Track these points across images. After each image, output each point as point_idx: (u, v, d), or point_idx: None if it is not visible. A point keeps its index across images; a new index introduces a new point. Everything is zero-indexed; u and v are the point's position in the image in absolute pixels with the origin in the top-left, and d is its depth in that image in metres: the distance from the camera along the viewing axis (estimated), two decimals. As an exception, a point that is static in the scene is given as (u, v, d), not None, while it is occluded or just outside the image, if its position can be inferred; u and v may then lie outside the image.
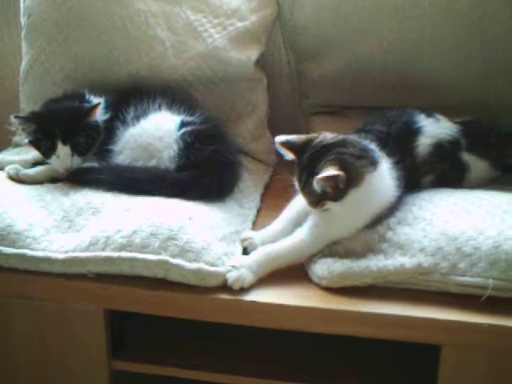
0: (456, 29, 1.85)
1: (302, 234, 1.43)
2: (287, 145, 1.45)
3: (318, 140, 1.43)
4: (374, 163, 1.40)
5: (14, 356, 1.50)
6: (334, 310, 1.33)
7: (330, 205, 1.38)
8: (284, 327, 1.37)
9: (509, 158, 1.64)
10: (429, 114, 1.61)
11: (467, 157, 1.59)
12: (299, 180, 1.43)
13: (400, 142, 1.53)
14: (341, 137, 1.44)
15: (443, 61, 1.88)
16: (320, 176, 1.31)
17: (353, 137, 1.47)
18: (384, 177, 1.42)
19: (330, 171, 1.32)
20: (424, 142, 1.55)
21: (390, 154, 1.46)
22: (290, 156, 1.46)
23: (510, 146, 1.64)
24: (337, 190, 1.34)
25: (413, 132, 1.56)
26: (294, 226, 1.47)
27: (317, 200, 1.39)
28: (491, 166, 1.63)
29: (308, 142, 1.44)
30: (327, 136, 1.44)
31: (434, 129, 1.57)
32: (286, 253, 1.41)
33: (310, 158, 1.41)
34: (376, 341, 1.35)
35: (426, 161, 1.55)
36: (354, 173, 1.36)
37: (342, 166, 1.34)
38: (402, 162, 1.48)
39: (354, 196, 1.36)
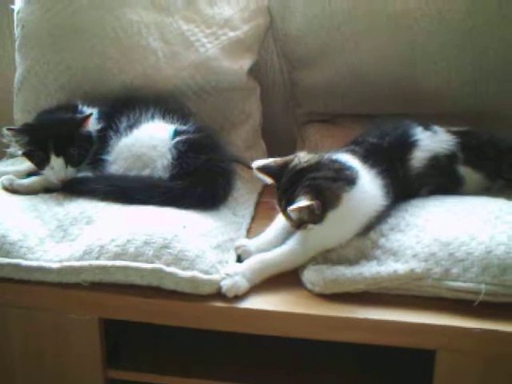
0: (448, 38, 1.86)
1: (294, 242, 1.43)
2: (264, 170, 1.45)
3: (293, 164, 1.43)
4: (351, 181, 1.39)
5: (10, 365, 1.50)
6: (328, 316, 1.33)
7: (312, 226, 1.39)
8: (278, 334, 1.37)
9: (504, 173, 1.63)
10: (426, 126, 1.60)
11: (463, 170, 1.59)
12: (279, 204, 1.44)
13: (392, 154, 1.53)
14: (316, 159, 1.43)
15: (435, 69, 1.89)
16: (292, 208, 1.33)
17: (329, 155, 1.46)
18: (365, 191, 1.41)
19: (302, 202, 1.32)
20: (419, 156, 1.54)
21: (376, 165, 1.47)
22: (268, 180, 1.46)
23: (506, 161, 1.62)
24: (314, 216, 1.35)
25: (408, 145, 1.55)
26: (286, 234, 1.47)
27: (297, 224, 1.40)
28: (486, 178, 1.62)
29: (284, 166, 1.44)
30: (302, 159, 1.44)
31: (430, 143, 1.57)
32: (279, 261, 1.42)
33: (287, 183, 1.41)
34: (371, 346, 1.35)
35: (421, 174, 1.54)
36: (329, 196, 1.36)
37: (315, 192, 1.35)
38: (392, 172, 1.49)
39: (334, 216, 1.37)
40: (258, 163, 1.46)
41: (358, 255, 1.42)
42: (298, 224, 1.40)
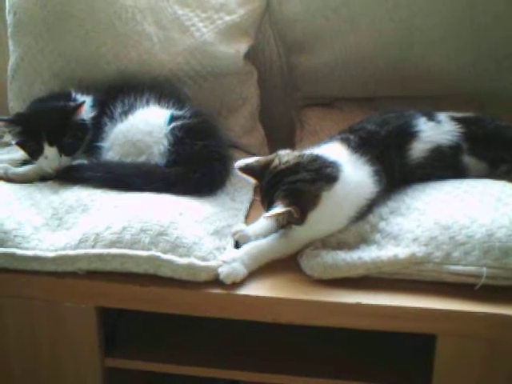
0: (446, 17, 1.84)
1: (291, 229, 1.41)
2: (246, 170, 1.45)
3: (273, 165, 1.42)
4: (331, 179, 1.38)
5: (6, 355, 1.49)
6: (328, 302, 1.32)
7: (295, 227, 1.39)
8: (277, 320, 1.36)
9: (509, 163, 1.60)
10: (430, 117, 1.57)
11: (467, 159, 1.56)
12: (263, 205, 1.43)
13: (389, 143, 1.51)
14: (295, 159, 1.41)
15: (434, 50, 1.88)
16: (268, 215, 1.33)
17: (310, 153, 1.44)
18: (350, 183, 1.40)
19: (279, 208, 1.31)
20: (419, 147, 1.52)
21: (368, 153, 1.46)
22: (252, 180, 1.47)
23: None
24: (294, 219, 1.35)
25: (407, 135, 1.53)
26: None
27: (281, 225, 1.40)
28: (490, 166, 1.59)
29: (266, 166, 1.43)
30: (282, 159, 1.42)
31: (432, 134, 1.54)
32: (275, 247, 1.41)
33: (267, 185, 1.41)
34: (370, 331, 1.34)
35: (423, 164, 1.53)
36: (307, 199, 1.35)
37: (293, 197, 1.34)
38: (386, 160, 1.48)
39: (316, 216, 1.36)
40: (240, 163, 1.45)
41: (357, 240, 1.41)
42: (281, 225, 1.40)
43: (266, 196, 1.41)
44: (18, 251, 1.40)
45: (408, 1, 1.84)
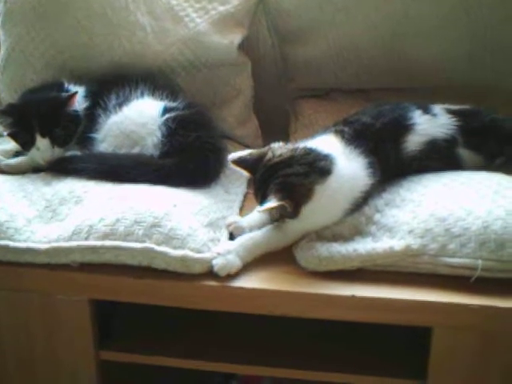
0: (441, 7, 1.84)
1: (286, 221, 1.41)
2: (240, 163, 1.45)
3: (266, 158, 1.41)
4: (325, 172, 1.38)
5: (0, 348, 1.48)
6: (323, 294, 1.31)
7: (288, 220, 1.38)
8: (273, 313, 1.35)
9: (507, 156, 1.59)
10: (426, 110, 1.57)
11: (463, 152, 1.56)
12: (256, 198, 1.43)
13: (384, 135, 1.50)
14: (289, 153, 1.41)
15: (429, 40, 1.87)
16: (261, 209, 1.33)
17: (304, 146, 1.43)
18: (343, 176, 1.40)
19: (272, 202, 1.31)
20: (414, 139, 1.52)
21: (363, 145, 1.45)
22: (245, 173, 1.47)
23: (510, 145, 1.58)
24: (287, 213, 1.34)
25: (402, 128, 1.52)
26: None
27: (274, 219, 1.40)
28: (486, 159, 1.58)
29: (259, 159, 1.42)
30: (276, 152, 1.42)
31: (428, 127, 1.53)
32: (271, 238, 1.40)
33: (260, 178, 1.40)
34: (366, 324, 1.34)
35: (418, 157, 1.52)
36: (301, 193, 1.35)
37: (286, 190, 1.34)
38: (381, 152, 1.47)
39: (309, 209, 1.36)
40: (233, 156, 1.45)
41: (352, 232, 1.41)
42: (276, 219, 1.40)
43: (259, 189, 1.41)
44: (11, 243, 1.40)
45: (403, -10, 1.83)
